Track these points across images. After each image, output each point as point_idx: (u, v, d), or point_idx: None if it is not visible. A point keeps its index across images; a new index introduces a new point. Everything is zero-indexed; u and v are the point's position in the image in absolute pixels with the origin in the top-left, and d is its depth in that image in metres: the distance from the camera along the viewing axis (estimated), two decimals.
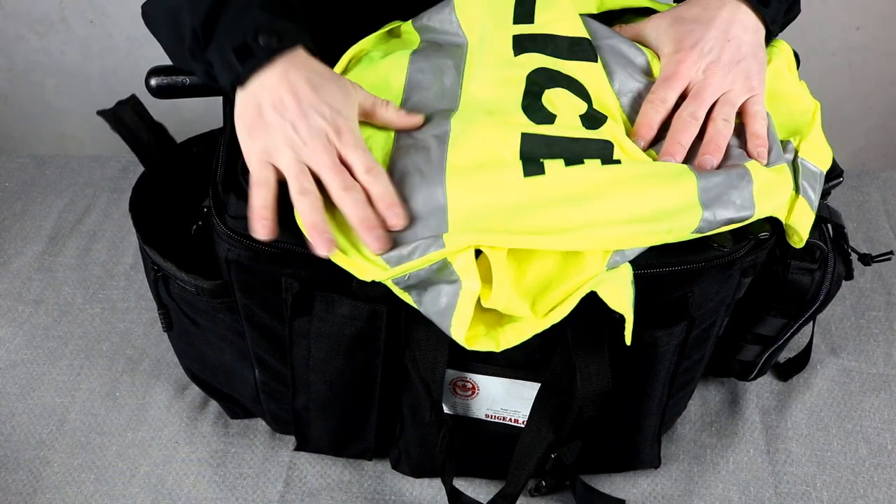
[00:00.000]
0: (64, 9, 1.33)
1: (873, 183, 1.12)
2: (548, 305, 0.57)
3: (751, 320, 0.75)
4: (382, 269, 0.55)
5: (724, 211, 0.56)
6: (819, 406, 0.87)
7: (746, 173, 0.58)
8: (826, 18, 1.32)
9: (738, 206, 0.57)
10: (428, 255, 0.54)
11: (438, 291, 0.55)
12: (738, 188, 0.57)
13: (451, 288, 0.55)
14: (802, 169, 0.63)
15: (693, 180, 0.56)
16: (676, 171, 0.58)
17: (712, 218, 0.56)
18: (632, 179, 0.56)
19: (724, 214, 0.56)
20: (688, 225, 0.56)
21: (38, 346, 0.92)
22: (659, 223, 0.55)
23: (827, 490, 0.80)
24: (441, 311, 0.55)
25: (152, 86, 0.68)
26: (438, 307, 0.55)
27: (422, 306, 0.57)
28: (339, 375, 0.70)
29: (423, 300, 0.56)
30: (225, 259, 0.62)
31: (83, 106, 1.46)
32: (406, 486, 0.80)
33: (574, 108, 0.61)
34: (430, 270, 0.55)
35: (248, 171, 0.59)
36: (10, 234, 1.05)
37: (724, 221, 0.57)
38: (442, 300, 0.55)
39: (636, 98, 0.64)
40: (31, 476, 0.80)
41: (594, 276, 0.55)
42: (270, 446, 0.83)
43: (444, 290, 0.55)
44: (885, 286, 0.99)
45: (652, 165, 0.59)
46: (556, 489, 0.78)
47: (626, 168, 0.57)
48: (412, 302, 0.57)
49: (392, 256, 0.55)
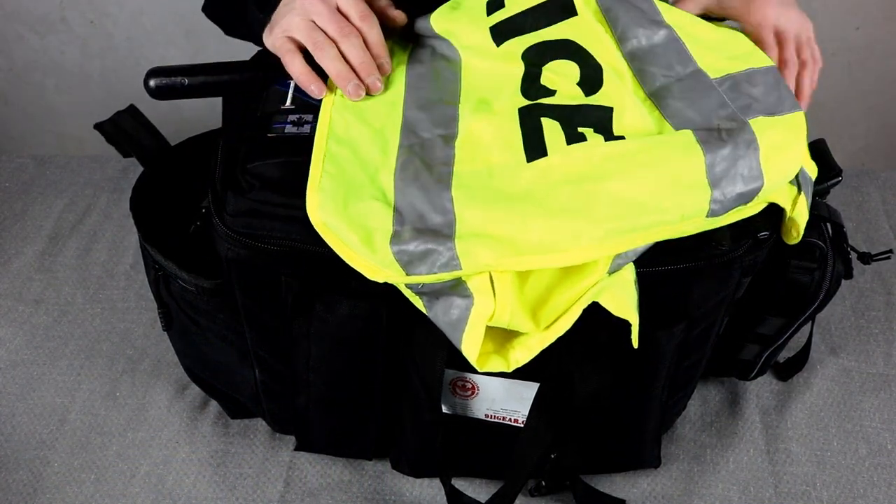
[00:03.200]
0: (64, 9, 1.33)
1: (873, 183, 1.12)
2: (549, 316, 0.56)
3: (751, 320, 0.75)
4: (398, 274, 0.55)
5: (732, 186, 0.55)
6: (819, 406, 0.87)
7: (753, 140, 0.56)
8: (826, 18, 1.32)
9: (746, 177, 0.55)
10: (443, 274, 0.54)
11: (450, 303, 0.55)
12: (746, 157, 0.55)
13: (464, 302, 0.55)
14: (801, 173, 0.63)
15: (700, 155, 0.55)
16: (683, 144, 0.56)
17: (722, 197, 0.55)
18: (636, 156, 0.55)
19: (733, 190, 0.55)
20: (699, 208, 0.54)
21: (38, 346, 0.92)
22: (668, 209, 0.54)
23: (827, 490, 0.80)
24: (452, 323, 0.55)
25: (151, 87, 0.68)
26: (449, 318, 0.55)
27: (431, 312, 0.57)
28: (339, 375, 0.70)
29: (434, 308, 0.56)
30: (225, 258, 0.62)
31: (83, 106, 1.46)
32: (406, 486, 0.80)
33: (571, 77, 0.61)
34: (444, 284, 0.55)
35: (247, 169, 0.59)
36: (10, 234, 1.05)
37: (736, 198, 0.55)
38: (453, 312, 0.55)
39: (642, 42, 0.64)
40: (31, 476, 0.80)
41: (596, 283, 0.55)
42: (270, 446, 0.83)
43: (457, 303, 0.55)
44: (884, 286, 0.99)
45: (655, 141, 0.57)
46: (556, 489, 0.78)
47: (629, 145, 0.56)
48: (422, 307, 0.57)
49: (402, 251, 0.54)
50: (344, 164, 0.58)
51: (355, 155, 0.59)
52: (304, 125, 0.62)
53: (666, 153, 0.56)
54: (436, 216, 0.55)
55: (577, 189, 0.54)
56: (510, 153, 0.57)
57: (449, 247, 0.53)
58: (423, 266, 0.54)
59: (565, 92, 0.60)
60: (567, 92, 0.60)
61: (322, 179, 0.57)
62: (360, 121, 0.61)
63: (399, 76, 0.65)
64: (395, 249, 0.54)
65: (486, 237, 0.53)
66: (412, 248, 0.54)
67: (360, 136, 0.60)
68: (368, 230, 0.55)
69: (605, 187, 0.54)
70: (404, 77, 0.65)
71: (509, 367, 0.57)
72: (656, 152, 0.56)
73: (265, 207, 0.59)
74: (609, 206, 0.53)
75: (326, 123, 0.61)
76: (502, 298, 0.54)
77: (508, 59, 0.63)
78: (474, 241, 0.53)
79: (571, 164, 0.55)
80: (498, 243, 0.53)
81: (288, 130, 0.62)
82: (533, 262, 0.53)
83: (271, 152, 0.61)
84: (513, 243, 0.53)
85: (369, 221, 0.56)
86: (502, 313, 0.54)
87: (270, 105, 0.65)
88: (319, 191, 0.57)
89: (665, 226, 0.54)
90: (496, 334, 0.57)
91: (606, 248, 0.53)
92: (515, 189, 0.55)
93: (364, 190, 0.57)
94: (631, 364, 0.64)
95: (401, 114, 0.62)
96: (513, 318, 0.55)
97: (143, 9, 1.33)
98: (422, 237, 0.54)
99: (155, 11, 1.33)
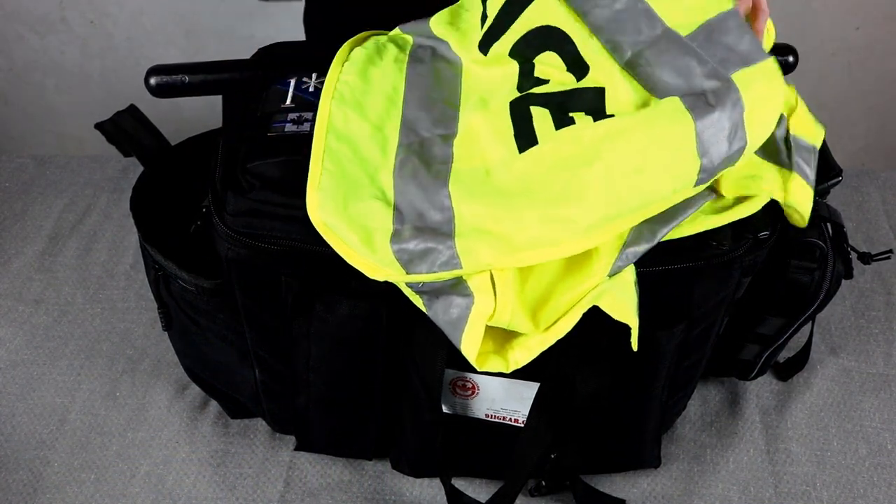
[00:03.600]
0: (64, 9, 1.33)
1: (873, 183, 1.12)
2: (549, 318, 0.56)
3: (751, 320, 0.75)
4: (398, 273, 0.55)
5: (718, 151, 0.53)
6: (819, 406, 0.87)
7: (738, 98, 0.53)
8: (826, 18, 1.32)
9: (731, 139, 0.53)
10: (443, 273, 0.54)
11: (450, 302, 0.55)
12: (732, 119, 0.53)
13: (464, 301, 0.55)
14: (795, 145, 0.61)
15: (690, 124, 0.52)
16: (671, 114, 0.53)
17: (710, 164, 0.53)
18: (625, 134, 0.53)
19: (720, 155, 0.53)
20: (689, 180, 0.53)
21: (38, 346, 0.92)
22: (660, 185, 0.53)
23: (827, 490, 0.80)
24: (451, 322, 0.55)
25: (152, 85, 0.68)
26: (449, 317, 0.55)
27: (430, 311, 0.57)
28: (339, 375, 0.70)
29: (434, 307, 0.56)
30: (225, 258, 0.62)
31: (83, 106, 1.47)
32: (406, 486, 0.80)
33: (559, 64, 0.59)
34: (445, 283, 0.55)
35: (247, 169, 0.59)
36: (10, 234, 1.05)
37: (722, 163, 0.54)
38: (453, 311, 0.55)
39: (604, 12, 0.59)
40: (31, 476, 0.80)
41: (596, 285, 0.55)
42: (270, 446, 0.83)
43: (456, 302, 0.55)
44: (884, 286, 0.99)
45: (644, 115, 0.54)
46: (556, 489, 0.78)
47: (618, 123, 0.54)
48: (422, 306, 0.57)
49: (402, 249, 0.55)
50: (344, 162, 0.58)
51: (355, 153, 0.59)
52: (304, 123, 0.62)
53: (655, 127, 0.53)
54: (435, 213, 0.55)
55: (569, 175, 0.53)
56: (504, 147, 0.56)
57: (449, 245, 0.53)
58: (424, 265, 0.54)
59: (558, 80, 0.59)
60: (559, 80, 0.59)
61: (322, 178, 0.57)
62: (359, 115, 0.61)
63: (399, 72, 0.65)
64: (396, 248, 0.54)
65: (484, 233, 0.53)
66: (412, 247, 0.54)
67: (360, 131, 0.60)
68: (368, 230, 0.55)
69: (595, 170, 0.52)
70: (404, 73, 0.65)
71: (508, 368, 0.57)
72: (646, 127, 0.53)
73: (265, 207, 0.59)
74: (601, 189, 0.52)
75: (326, 117, 0.61)
76: (503, 298, 0.54)
77: (500, 62, 0.62)
78: (474, 238, 0.53)
79: (561, 149, 0.54)
80: (497, 240, 0.53)
81: (288, 129, 0.62)
82: (531, 257, 0.53)
83: (271, 151, 0.61)
84: (510, 240, 0.53)
85: (369, 221, 0.56)
86: (502, 313, 0.54)
87: (270, 104, 0.65)
88: (319, 189, 0.57)
89: (657, 203, 0.54)
90: (496, 334, 0.57)
91: (601, 234, 0.53)
92: (511, 182, 0.55)
93: (364, 189, 0.57)
94: (631, 364, 0.64)
95: (400, 111, 0.62)
96: (513, 317, 0.55)
97: (143, 9, 1.33)
98: (421, 236, 0.54)
99: (155, 11, 1.34)
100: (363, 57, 0.66)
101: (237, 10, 1.32)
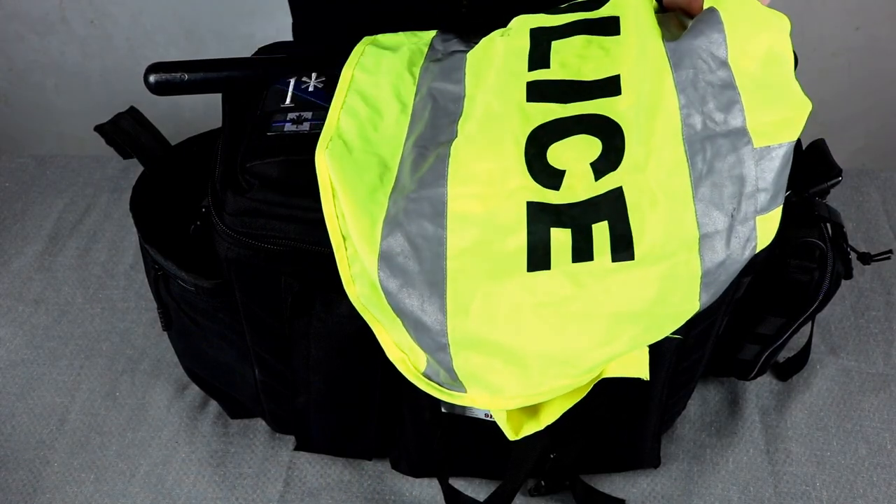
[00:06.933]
0: (64, 9, 1.33)
1: (873, 183, 1.12)
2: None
3: (750, 320, 0.75)
4: (414, 375, 0.58)
5: (722, 279, 0.53)
6: (819, 406, 0.87)
7: (753, 239, 0.52)
8: (826, 18, 1.32)
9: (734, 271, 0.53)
10: (449, 394, 0.57)
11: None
12: (741, 260, 0.52)
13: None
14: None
15: (697, 276, 0.51)
16: (687, 266, 0.51)
17: (709, 297, 0.53)
18: (639, 285, 0.51)
19: (724, 282, 0.53)
20: (690, 312, 0.54)
21: (38, 346, 0.92)
22: (664, 328, 0.54)
23: (826, 490, 0.80)
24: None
25: (151, 82, 0.68)
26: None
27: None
28: (339, 375, 0.70)
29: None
30: (225, 258, 0.62)
31: (83, 106, 1.47)
32: (406, 486, 0.80)
33: (584, 156, 0.53)
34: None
35: (246, 168, 0.59)
36: (10, 234, 1.05)
37: (722, 284, 0.54)
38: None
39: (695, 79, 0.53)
40: (31, 476, 0.80)
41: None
42: (270, 446, 0.83)
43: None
44: (884, 286, 0.99)
45: (661, 271, 0.50)
46: (556, 489, 0.78)
47: (635, 273, 0.50)
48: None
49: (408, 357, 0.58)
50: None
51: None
52: (304, 123, 0.62)
53: (669, 287, 0.51)
54: (423, 317, 0.54)
55: (579, 314, 0.51)
56: (511, 256, 0.52)
57: (452, 376, 0.56)
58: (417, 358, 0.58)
59: (574, 181, 0.53)
60: (576, 181, 0.53)
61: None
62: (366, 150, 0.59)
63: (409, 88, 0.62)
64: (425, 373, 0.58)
65: (474, 330, 0.53)
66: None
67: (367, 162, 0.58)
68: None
69: (603, 313, 0.51)
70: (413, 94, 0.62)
71: (541, 426, 0.60)
72: (660, 284, 0.51)
73: (265, 207, 0.59)
74: (607, 331, 0.52)
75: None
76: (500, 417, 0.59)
77: (524, 121, 0.55)
78: (464, 340, 0.53)
79: (571, 286, 0.51)
80: (483, 330, 0.53)
81: (287, 129, 0.62)
82: (538, 396, 0.56)
83: (271, 151, 0.60)
84: (501, 337, 0.52)
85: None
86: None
87: (270, 104, 0.65)
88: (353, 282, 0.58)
89: (658, 336, 0.54)
90: None
91: (596, 370, 0.55)
92: (511, 289, 0.51)
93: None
94: None
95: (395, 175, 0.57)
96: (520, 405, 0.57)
97: (143, 9, 1.34)
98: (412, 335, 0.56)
99: (155, 11, 1.34)
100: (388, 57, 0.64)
101: (237, 10, 1.32)
